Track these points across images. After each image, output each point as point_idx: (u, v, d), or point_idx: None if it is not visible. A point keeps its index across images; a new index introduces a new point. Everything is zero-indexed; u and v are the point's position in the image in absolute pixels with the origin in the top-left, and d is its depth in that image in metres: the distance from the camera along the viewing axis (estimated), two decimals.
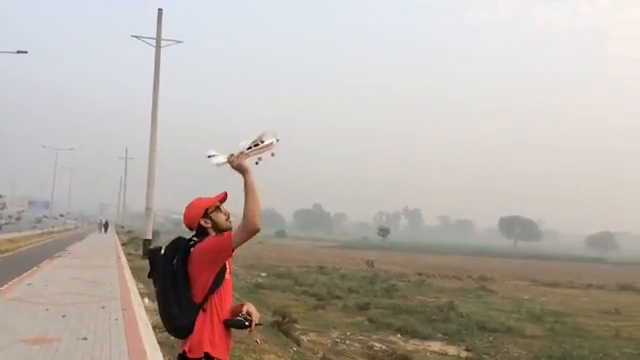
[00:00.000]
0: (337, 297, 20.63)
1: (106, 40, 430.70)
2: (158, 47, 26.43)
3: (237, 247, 2.92)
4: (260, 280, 26.02)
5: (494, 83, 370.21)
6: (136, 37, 27.15)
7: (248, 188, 2.92)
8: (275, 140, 2.90)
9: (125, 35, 31.29)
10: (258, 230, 2.89)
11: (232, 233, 2.90)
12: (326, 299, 19.91)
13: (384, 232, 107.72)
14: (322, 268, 34.97)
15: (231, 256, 2.97)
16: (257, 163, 2.89)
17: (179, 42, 27.38)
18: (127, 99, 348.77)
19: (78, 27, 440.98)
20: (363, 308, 18.07)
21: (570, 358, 12.57)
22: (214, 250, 2.89)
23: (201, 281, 2.91)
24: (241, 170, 2.94)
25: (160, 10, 26.75)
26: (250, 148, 2.85)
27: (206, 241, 2.95)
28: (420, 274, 34.77)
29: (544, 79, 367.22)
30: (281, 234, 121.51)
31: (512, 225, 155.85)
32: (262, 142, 2.87)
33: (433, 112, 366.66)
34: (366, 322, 16.01)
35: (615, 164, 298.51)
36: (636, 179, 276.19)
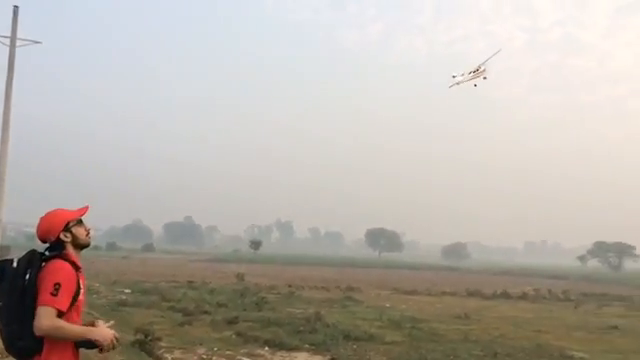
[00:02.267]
0: (205, 312, 20.24)
1: None
2: (13, 47, 24.37)
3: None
4: (123, 297, 24.75)
5: (358, 99, 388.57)
6: None
7: (76, 333, 2.80)
8: (484, 68, 4.54)
9: None
10: (36, 333, 2.74)
11: (46, 310, 2.72)
12: (194, 314, 19.45)
13: (256, 245, 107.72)
14: (191, 283, 34.13)
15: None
16: (475, 85, 4.64)
17: (37, 42, 25.45)
18: None
19: None
20: (232, 322, 17.91)
21: None
22: (40, 293, 2.75)
23: None
24: (93, 336, 2.84)
25: (16, 7, 24.69)
26: (471, 73, 4.42)
27: (51, 276, 2.77)
28: (290, 286, 35.22)
29: (408, 96, 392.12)
30: (149, 248, 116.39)
31: (377, 237, 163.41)
32: (479, 69, 4.40)
33: (299, 129, 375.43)
34: (234, 336, 15.89)
35: (467, 177, 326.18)
36: (483, 191, 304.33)
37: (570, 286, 49.16)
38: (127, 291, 27.56)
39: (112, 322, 3.09)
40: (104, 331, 2.86)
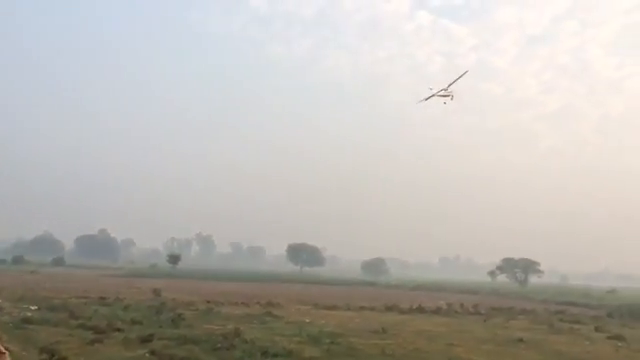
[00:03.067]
0: (118, 330, 19.49)
1: None
2: None
3: None
4: (29, 314, 23.34)
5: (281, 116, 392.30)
6: None
7: None
8: (451, 88, 5.70)
9: None
10: None
11: None
12: (105, 332, 18.68)
13: (174, 259, 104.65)
14: (103, 299, 32.74)
15: None
16: (445, 103, 6.35)
17: None
18: None
19: None
20: (146, 340, 17.34)
21: None
22: None
23: None
24: None
25: None
26: (441, 91, 5.75)
27: None
28: (209, 302, 34.57)
29: (333, 113, 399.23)
30: (59, 262, 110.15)
31: (299, 252, 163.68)
32: (446, 89, 5.45)
33: (222, 139, 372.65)
34: (148, 355, 15.41)
35: (387, 195, 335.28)
36: (401, 209, 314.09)
37: (481, 300, 51.55)
38: (33, 308, 26.04)
39: None
40: None
